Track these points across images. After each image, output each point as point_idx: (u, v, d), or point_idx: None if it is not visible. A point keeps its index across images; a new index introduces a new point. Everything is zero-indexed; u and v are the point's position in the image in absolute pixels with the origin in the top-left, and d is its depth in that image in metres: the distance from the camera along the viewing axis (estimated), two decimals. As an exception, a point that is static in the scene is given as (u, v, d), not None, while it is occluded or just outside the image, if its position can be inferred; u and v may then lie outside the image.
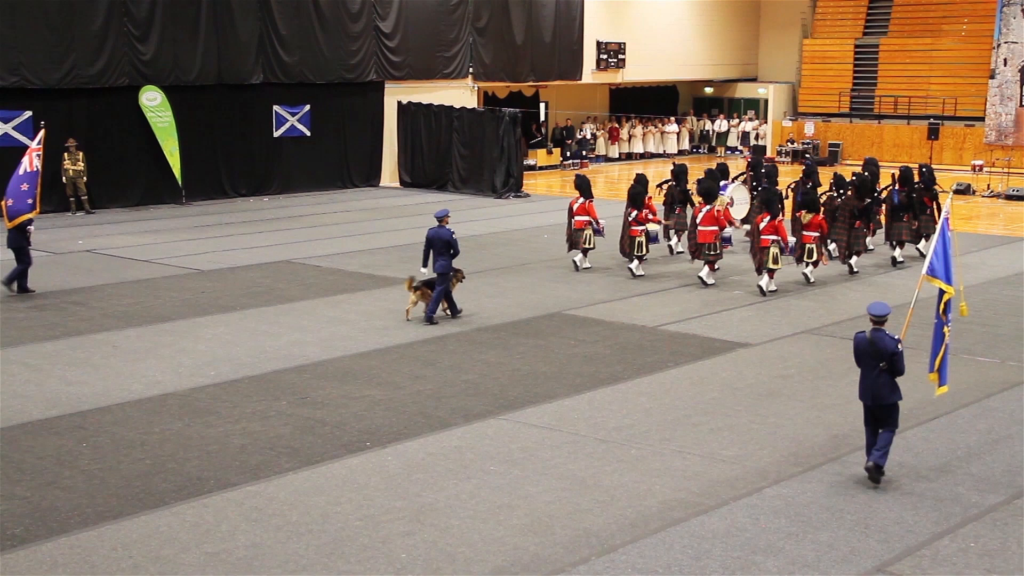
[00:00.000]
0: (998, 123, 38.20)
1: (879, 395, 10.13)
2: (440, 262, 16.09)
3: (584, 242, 20.16)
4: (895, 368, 10.07)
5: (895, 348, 10.09)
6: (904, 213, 21.24)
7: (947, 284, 10.55)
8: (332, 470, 10.37)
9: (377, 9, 32.07)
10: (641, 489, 9.91)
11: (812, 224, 18.85)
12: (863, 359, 10.26)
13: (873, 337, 10.18)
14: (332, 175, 32.00)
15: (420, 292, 16.28)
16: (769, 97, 43.97)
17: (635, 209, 19.74)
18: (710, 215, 19.03)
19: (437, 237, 16.15)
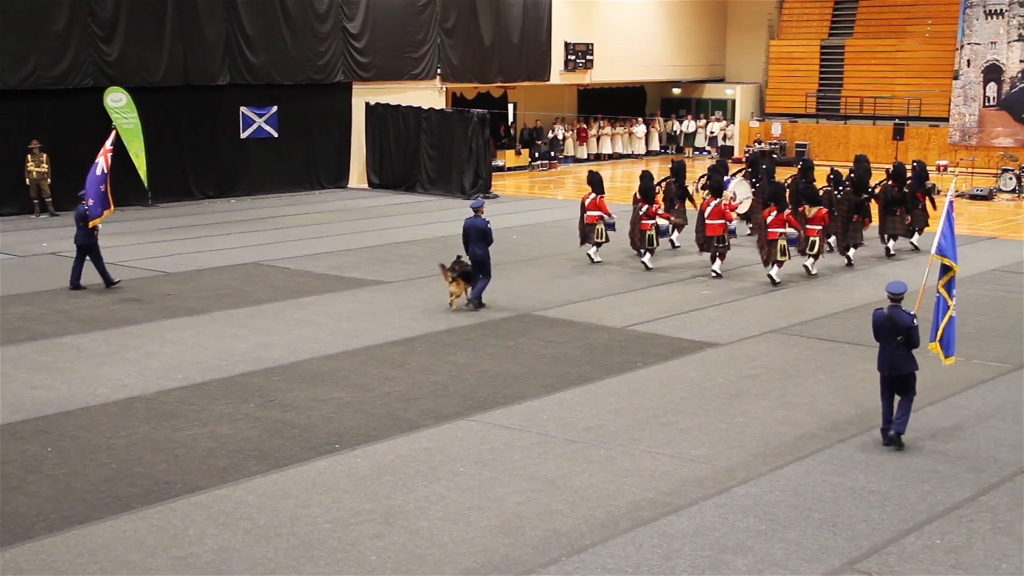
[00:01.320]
0: (962, 123, 38.55)
1: (897, 366, 10.97)
2: (476, 250, 16.92)
3: (597, 236, 20.73)
4: (911, 341, 10.90)
5: (911, 323, 10.93)
6: (897, 207, 21.85)
7: (953, 262, 11.37)
8: (300, 473, 10.32)
9: (344, 10, 31.96)
10: (611, 489, 9.92)
11: (815, 217, 19.52)
12: (881, 333, 11.10)
13: (891, 313, 11.01)
14: (300, 176, 31.86)
15: (457, 283, 16.98)
16: (736, 98, 44.16)
17: (646, 203, 20.33)
18: (718, 209, 19.59)
19: (473, 227, 17.01)
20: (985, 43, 37.93)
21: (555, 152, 40.17)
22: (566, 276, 19.68)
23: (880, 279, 19.50)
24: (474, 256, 17.07)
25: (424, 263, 20.89)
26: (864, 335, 15.37)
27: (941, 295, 11.37)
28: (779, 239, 18.84)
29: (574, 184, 35.37)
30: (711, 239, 19.73)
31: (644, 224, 20.37)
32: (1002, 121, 37.82)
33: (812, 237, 19.52)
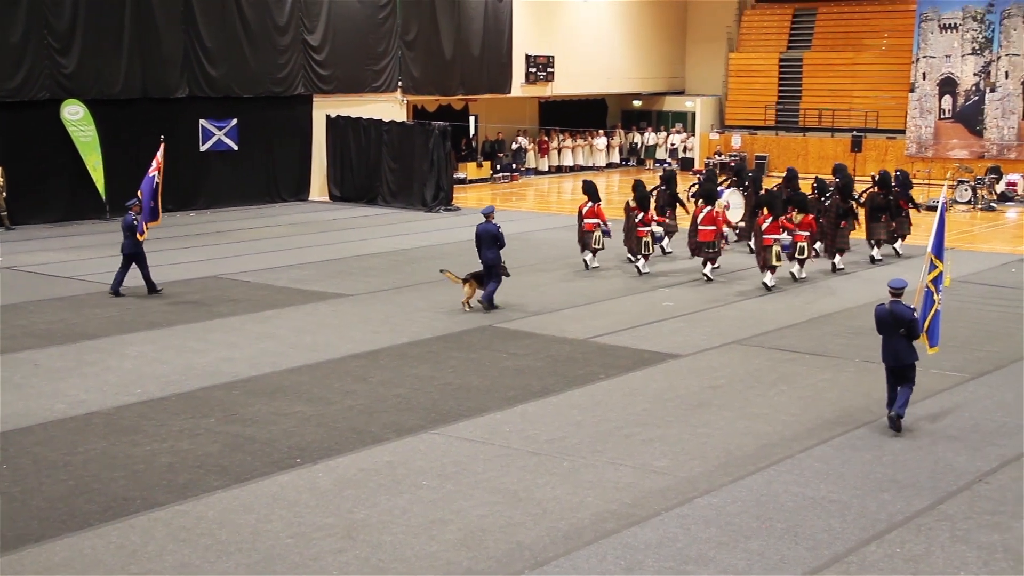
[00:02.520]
0: (918, 136, 39.00)
1: (900, 356, 11.82)
2: (488, 254, 17.57)
3: (594, 243, 21.30)
4: (912, 333, 11.75)
5: (911, 316, 11.76)
6: (882, 214, 22.49)
7: (939, 261, 12.21)
8: (262, 487, 10.24)
9: (304, 22, 31.89)
10: (574, 501, 9.92)
11: (803, 224, 20.13)
12: (884, 327, 11.88)
13: (892, 308, 11.80)
14: (260, 189, 31.71)
15: (470, 283, 17.68)
16: (696, 110, 44.44)
17: (641, 211, 21.02)
18: (709, 216, 20.34)
19: (485, 232, 17.68)
20: (940, 56, 38.43)
21: (517, 164, 40.24)
22: (528, 288, 19.68)
23: (843, 291, 19.68)
24: (486, 260, 17.70)
25: (386, 276, 20.85)
26: (825, 345, 15.53)
27: (929, 290, 12.15)
28: (774, 245, 19.41)
29: (536, 196, 35.46)
30: (703, 244, 20.41)
31: (640, 231, 20.95)
32: (957, 133, 38.31)
33: (800, 243, 20.06)
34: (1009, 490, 10.22)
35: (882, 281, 20.25)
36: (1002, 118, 37.45)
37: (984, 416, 12.43)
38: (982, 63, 37.68)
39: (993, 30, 37.39)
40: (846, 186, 22.18)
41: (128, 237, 18.76)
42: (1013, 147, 37.17)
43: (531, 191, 36.74)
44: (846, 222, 21.57)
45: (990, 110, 37.64)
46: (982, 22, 37.55)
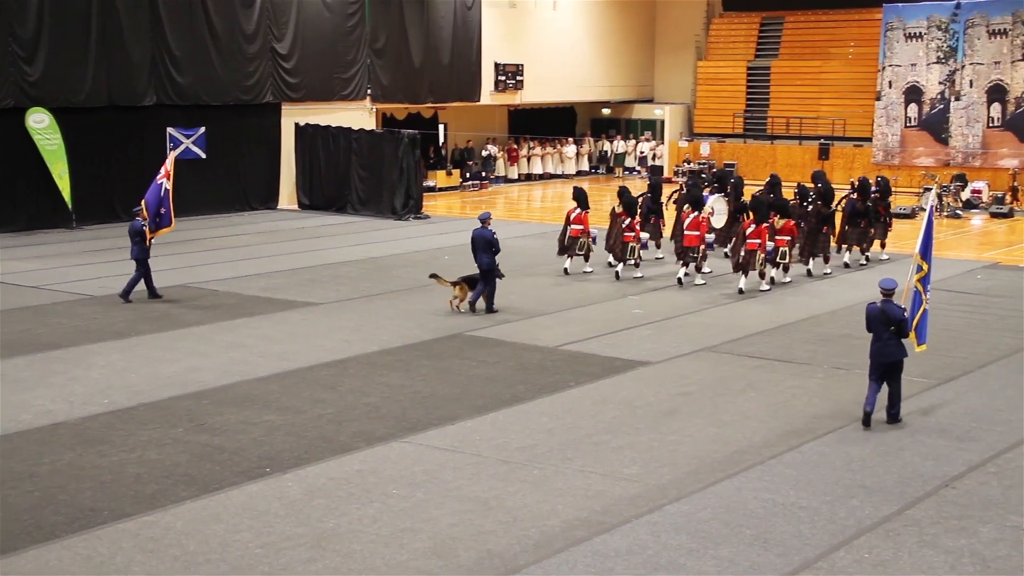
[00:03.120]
0: (885, 143, 39.32)
1: (891, 353, 12.22)
2: (483, 259, 17.95)
3: (579, 248, 21.71)
4: (902, 331, 12.21)
5: (901, 315, 12.21)
6: (861, 220, 22.86)
7: (926, 262, 12.75)
8: (231, 497, 10.18)
9: (273, 30, 31.80)
10: (544, 509, 9.91)
11: (784, 229, 20.56)
12: (874, 325, 12.30)
13: (883, 307, 12.22)
14: (229, 198, 31.55)
15: (461, 286, 18.17)
16: (665, 118, 44.63)
17: (628, 217, 21.38)
18: (695, 221, 20.78)
19: (480, 237, 18.08)
20: (906, 65, 38.77)
21: (486, 172, 40.26)
22: (498, 296, 19.66)
23: (811, 299, 19.80)
24: (481, 264, 18.07)
25: (356, 284, 20.80)
26: (793, 352, 15.62)
27: (917, 290, 12.67)
28: (757, 249, 19.75)
29: (505, 204, 35.48)
30: (688, 249, 20.83)
31: (627, 236, 21.27)
32: (923, 141, 38.65)
33: (781, 247, 20.49)
34: (976, 495, 10.31)
35: (851, 287, 20.46)
36: (967, 126, 37.82)
37: (951, 422, 12.52)
38: (947, 72, 38.05)
39: (957, 39, 37.77)
40: (828, 192, 22.73)
41: (136, 243, 19.03)
42: (978, 155, 37.54)
43: (501, 199, 36.76)
44: (827, 227, 22.09)
45: (955, 118, 38.00)
46: (947, 31, 37.93)
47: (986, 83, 37.41)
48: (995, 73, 37.25)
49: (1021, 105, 36.87)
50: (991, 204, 32.62)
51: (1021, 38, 36.76)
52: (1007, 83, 37.07)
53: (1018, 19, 36.75)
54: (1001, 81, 37.17)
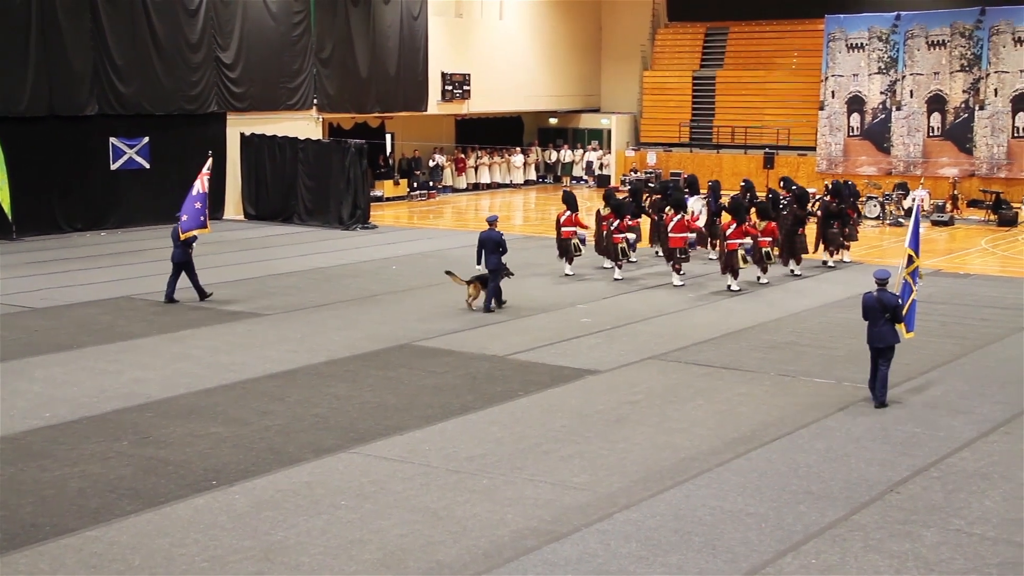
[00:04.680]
0: (828, 152, 39.81)
1: (885, 338, 13.24)
2: (491, 259, 18.73)
3: (573, 250, 22.52)
4: (896, 317, 13.23)
5: (896, 302, 13.27)
6: (834, 221, 23.85)
7: (916, 255, 13.96)
8: (176, 511, 10.06)
9: (217, 40, 31.56)
10: (494, 519, 9.89)
11: (766, 230, 21.55)
12: (871, 313, 13.32)
13: (880, 295, 13.26)
14: (173, 208, 30.59)
15: (474, 285, 19.06)
16: (612, 127, 44.86)
17: (617, 218, 22.15)
18: (680, 223, 21.59)
19: (488, 238, 18.84)
20: (848, 75, 39.30)
21: (434, 182, 40.21)
22: (447, 306, 19.65)
23: (760, 304, 19.96)
24: (489, 264, 18.85)
25: (303, 294, 20.67)
26: (741, 360, 15.73)
27: (906, 280, 13.77)
28: (738, 249, 20.58)
29: (453, 214, 35.45)
30: (673, 251, 21.65)
31: (616, 238, 22.05)
32: (866, 150, 39.18)
33: (764, 248, 21.41)
34: (920, 499, 10.43)
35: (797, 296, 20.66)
36: (908, 136, 38.39)
37: (895, 427, 12.67)
38: (888, 82, 38.62)
39: (898, 50, 38.35)
40: (803, 195, 23.83)
41: (178, 246, 19.54)
42: (919, 164, 38.09)
43: (448, 208, 36.74)
44: (803, 229, 23.08)
45: (897, 128, 38.56)
46: (887, 42, 38.50)
47: (926, 93, 38.02)
48: (934, 83, 37.86)
49: (960, 115, 37.50)
50: (932, 212, 33.10)
51: (959, 49, 37.40)
52: (946, 93, 37.70)
53: (956, 31, 37.41)
54: (940, 91, 37.79)
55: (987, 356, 16.07)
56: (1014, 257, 26.10)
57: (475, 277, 19.16)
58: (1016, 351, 16.36)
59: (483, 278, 19.07)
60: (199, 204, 19.71)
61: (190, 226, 19.60)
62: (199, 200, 19.75)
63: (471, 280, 19.17)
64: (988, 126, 37.07)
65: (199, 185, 19.96)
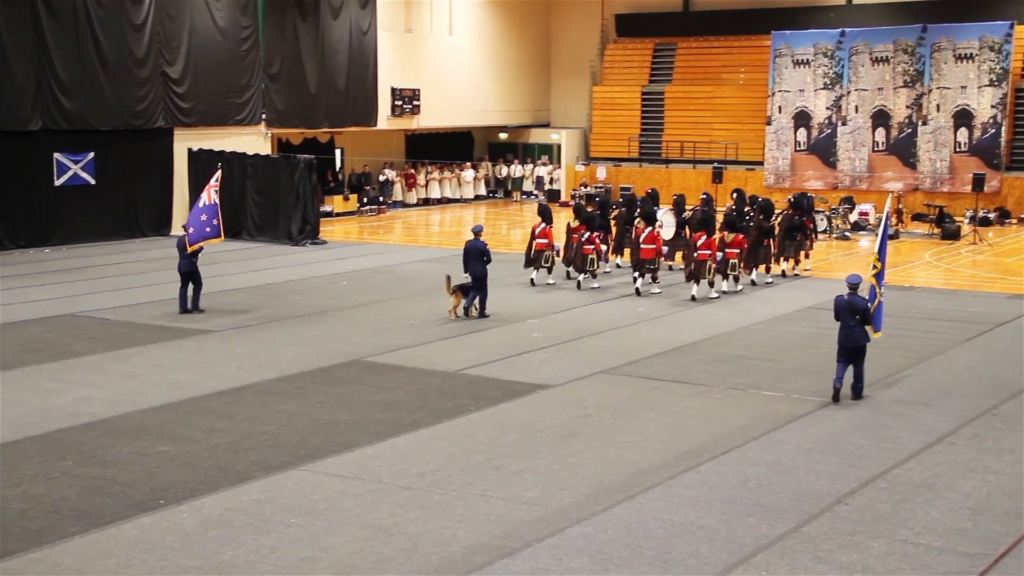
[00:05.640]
0: (776, 167, 40.22)
1: (856, 339, 14.12)
2: (475, 268, 19.40)
3: (545, 261, 23.12)
4: (866, 319, 14.18)
5: (866, 305, 14.23)
6: (797, 233, 24.63)
7: (881, 261, 14.90)
8: (123, 531, 9.91)
9: (164, 54, 31.30)
10: (445, 535, 9.85)
11: (734, 242, 22.12)
12: (842, 315, 14.21)
13: (850, 299, 14.18)
14: (120, 224, 30.89)
15: (456, 295, 19.51)
16: (562, 142, 45.01)
17: (587, 231, 22.80)
18: (651, 235, 22.26)
19: (473, 248, 19.51)
20: (794, 91, 39.76)
21: (384, 197, 40.11)
22: (397, 321, 19.59)
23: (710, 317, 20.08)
24: (473, 273, 19.49)
25: (252, 311, 20.50)
26: (690, 373, 15.81)
27: (872, 285, 14.69)
28: (707, 260, 21.28)
29: (403, 229, 35.37)
30: (645, 262, 22.23)
31: (586, 249, 22.66)
32: (812, 165, 39.63)
33: (732, 260, 21.99)
34: (868, 510, 10.53)
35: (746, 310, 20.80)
36: (853, 150, 38.90)
37: (843, 439, 12.78)
38: (833, 97, 39.12)
39: (843, 66, 38.87)
40: (768, 207, 24.44)
41: (184, 257, 19.86)
42: (864, 178, 38.61)
43: (399, 224, 36.65)
44: (768, 240, 23.78)
45: (842, 143, 39.06)
46: (832, 58, 39.01)
47: (871, 108, 38.55)
48: (879, 99, 38.42)
49: (904, 130, 38.06)
50: (878, 226, 33.49)
51: (902, 65, 37.98)
52: (890, 108, 38.25)
53: (899, 47, 37.99)
54: (885, 107, 38.35)
55: (932, 367, 16.28)
56: (957, 270, 26.49)
57: (457, 286, 19.60)
58: (960, 363, 16.59)
59: (464, 287, 19.57)
60: (206, 216, 20.06)
61: (197, 238, 19.93)
62: (206, 212, 20.10)
63: (454, 289, 19.58)
64: (931, 141, 37.66)
65: (206, 197, 20.28)
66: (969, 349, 17.54)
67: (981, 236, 31.30)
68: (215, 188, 20.46)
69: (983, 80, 36.81)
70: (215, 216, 20.20)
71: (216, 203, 20.26)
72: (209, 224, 20.12)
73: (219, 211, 20.32)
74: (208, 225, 20.11)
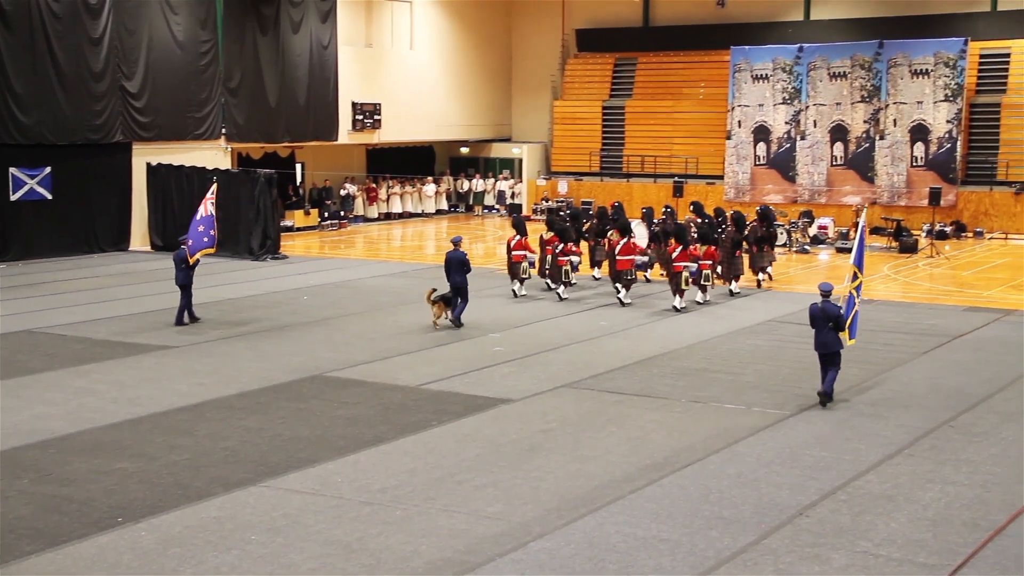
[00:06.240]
0: (736, 181, 40.49)
1: (829, 345, 14.71)
2: (456, 278, 19.87)
3: (521, 273, 23.47)
4: (839, 326, 14.70)
5: (838, 312, 14.71)
6: (765, 244, 25.41)
7: (860, 272, 15.48)
8: (80, 550, 9.78)
9: (122, 68, 31.08)
10: (407, 550, 9.80)
11: (707, 254, 22.64)
12: (816, 321, 14.76)
13: (823, 306, 14.71)
14: (77, 240, 30.60)
15: (438, 305, 19.83)
16: (523, 157, 45.09)
17: (562, 242, 23.25)
18: (627, 246, 22.75)
19: (454, 258, 20.05)
20: (754, 105, 40.08)
21: (345, 212, 40.00)
22: (358, 336, 19.51)
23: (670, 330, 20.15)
24: (454, 283, 19.92)
25: (212, 326, 20.35)
26: (652, 387, 15.85)
27: (852, 294, 15.17)
28: (683, 271, 21.75)
29: (365, 244, 35.27)
30: (621, 273, 22.68)
31: (561, 260, 23.17)
32: (772, 179, 39.94)
33: (705, 271, 22.47)
34: (828, 522, 10.58)
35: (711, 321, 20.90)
36: (812, 165, 39.24)
37: (804, 451, 12.85)
38: (792, 112, 39.47)
39: (801, 81, 39.24)
40: (740, 220, 25.07)
41: (181, 270, 20.19)
42: (823, 192, 38.95)
43: (360, 238, 36.54)
44: (740, 251, 24.45)
45: (801, 157, 39.40)
46: (791, 73, 39.38)
47: (829, 123, 38.93)
48: (837, 114, 38.80)
49: (861, 145, 38.45)
50: (837, 239, 33.83)
51: (859, 81, 38.40)
52: (848, 123, 38.64)
53: (856, 63, 38.41)
54: (843, 121, 38.73)
55: (891, 380, 16.41)
56: (915, 283, 26.76)
57: (439, 297, 19.92)
58: (918, 375, 16.74)
59: (446, 298, 19.91)
60: (203, 227, 20.40)
61: (196, 249, 20.31)
62: (203, 223, 20.43)
63: (435, 300, 19.86)
64: (888, 155, 38.07)
65: (203, 209, 20.62)
66: (927, 361, 17.71)
67: (938, 249, 31.66)
68: (212, 200, 20.85)
69: (938, 95, 37.28)
70: (211, 227, 20.56)
71: (212, 214, 20.64)
72: (206, 234, 20.46)
73: (215, 222, 20.73)
74: (205, 235, 20.45)
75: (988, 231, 36.49)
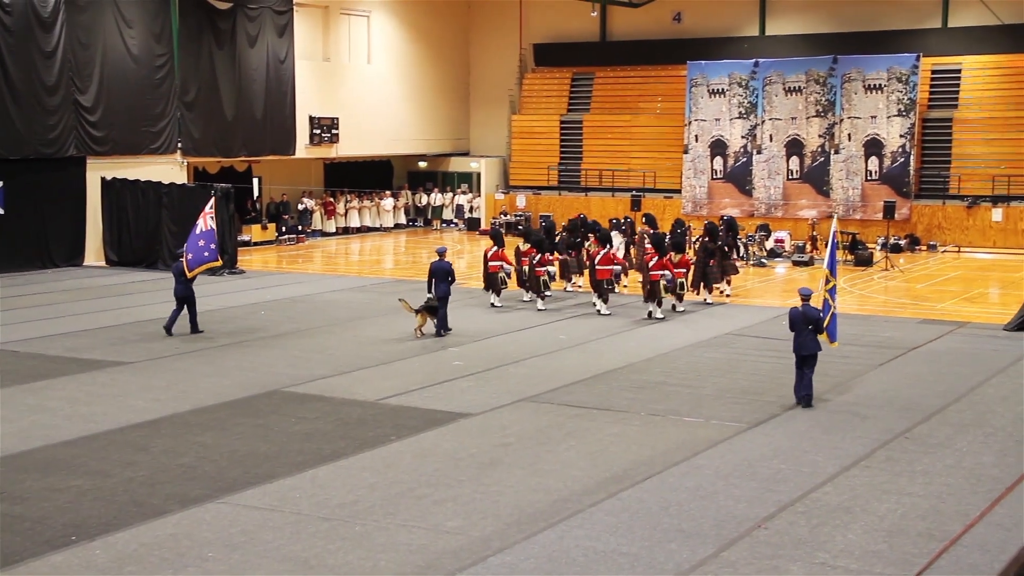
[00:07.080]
0: (693, 195, 40.73)
1: (808, 347, 15.19)
2: (441, 287, 20.25)
3: (501, 283, 23.91)
4: (819, 328, 15.26)
5: (818, 315, 15.35)
6: (731, 254, 26.23)
7: (833, 276, 16.21)
8: (32, 569, 9.65)
9: (76, 82, 30.79)
10: (366, 566, 9.74)
11: (681, 263, 23.17)
12: (797, 325, 15.24)
13: (804, 309, 15.21)
14: (30, 255, 30.23)
15: (422, 314, 20.20)
16: (482, 171, 45.13)
17: (538, 253, 23.89)
18: (607, 257, 23.27)
19: (439, 268, 20.35)
20: (710, 120, 40.37)
21: (303, 226, 39.83)
22: (317, 351, 19.41)
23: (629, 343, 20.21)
24: (439, 292, 20.28)
25: (168, 342, 20.17)
26: (611, 400, 15.88)
27: (826, 298, 15.88)
28: (660, 280, 22.25)
29: (323, 258, 35.13)
30: (601, 282, 23.13)
31: (538, 271, 23.66)
32: (729, 192, 40.22)
33: (679, 279, 23.00)
34: (787, 534, 10.64)
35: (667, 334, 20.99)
36: (768, 179, 39.56)
37: (761, 463, 12.92)
38: (749, 126, 39.80)
39: (757, 96, 39.59)
40: (713, 230, 25.60)
41: (181, 282, 20.42)
42: (779, 206, 39.27)
43: (318, 253, 36.39)
44: (714, 260, 24.89)
45: (758, 171, 39.71)
46: (747, 88, 39.71)
47: (785, 137, 39.28)
48: (792, 128, 39.16)
49: (817, 159, 38.82)
50: (793, 253, 34.12)
51: (814, 95, 38.79)
52: (803, 138, 39.02)
53: (811, 78, 38.80)
54: (798, 136, 39.10)
55: (847, 391, 16.54)
56: (870, 296, 27.03)
57: (423, 306, 20.22)
58: (874, 387, 16.88)
59: (431, 308, 20.21)
60: (203, 241, 20.68)
61: (196, 263, 20.54)
62: (203, 237, 20.71)
63: (419, 309, 20.18)
64: (843, 169, 38.46)
65: (202, 224, 20.89)
66: (883, 373, 17.88)
67: (893, 262, 31.99)
68: (210, 215, 21.10)
69: (892, 110, 37.74)
70: (212, 241, 20.86)
71: (213, 228, 21.00)
72: (207, 248, 20.73)
73: (216, 236, 21.12)
74: (206, 250, 20.72)
75: (941, 244, 36.93)
